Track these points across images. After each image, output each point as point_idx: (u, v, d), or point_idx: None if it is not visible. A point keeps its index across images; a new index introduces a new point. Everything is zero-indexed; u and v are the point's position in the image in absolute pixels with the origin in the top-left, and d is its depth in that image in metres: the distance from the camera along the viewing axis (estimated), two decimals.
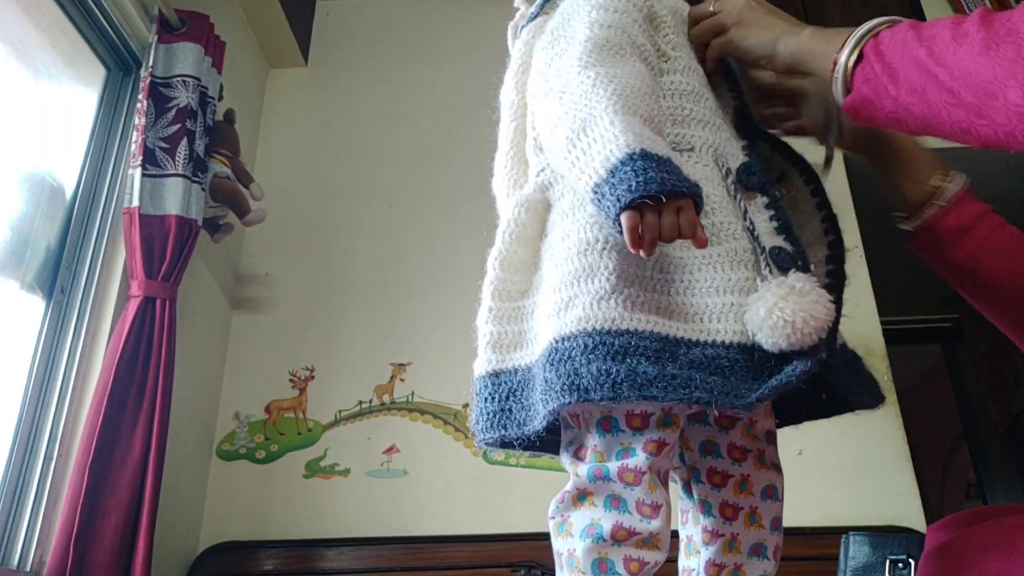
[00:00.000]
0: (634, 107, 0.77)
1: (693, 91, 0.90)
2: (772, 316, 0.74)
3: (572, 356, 0.74)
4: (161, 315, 1.77)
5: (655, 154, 0.73)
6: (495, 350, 0.84)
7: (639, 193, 0.70)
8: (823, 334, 0.75)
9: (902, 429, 2.18)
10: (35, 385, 1.66)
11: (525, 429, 0.80)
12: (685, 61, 0.91)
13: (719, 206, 0.82)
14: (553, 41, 0.90)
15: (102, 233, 1.87)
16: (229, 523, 2.15)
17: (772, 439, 0.89)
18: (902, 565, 1.09)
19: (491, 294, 0.86)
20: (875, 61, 0.77)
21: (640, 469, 0.76)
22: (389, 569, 2.06)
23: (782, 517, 0.88)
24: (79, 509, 1.54)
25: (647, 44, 0.88)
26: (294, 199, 2.59)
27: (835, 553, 1.19)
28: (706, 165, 0.86)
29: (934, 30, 0.74)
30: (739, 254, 0.80)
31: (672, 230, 0.72)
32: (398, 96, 2.77)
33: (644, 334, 0.74)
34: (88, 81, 1.99)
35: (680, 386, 0.72)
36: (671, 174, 0.72)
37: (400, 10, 2.96)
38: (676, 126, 0.87)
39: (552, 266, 0.82)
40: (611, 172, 0.72)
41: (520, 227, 0.87)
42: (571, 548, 0.78)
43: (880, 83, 0.76)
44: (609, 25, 0.85)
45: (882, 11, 3.02)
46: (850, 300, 0.86)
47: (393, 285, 2.44)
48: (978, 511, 0.94)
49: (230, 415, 2.29)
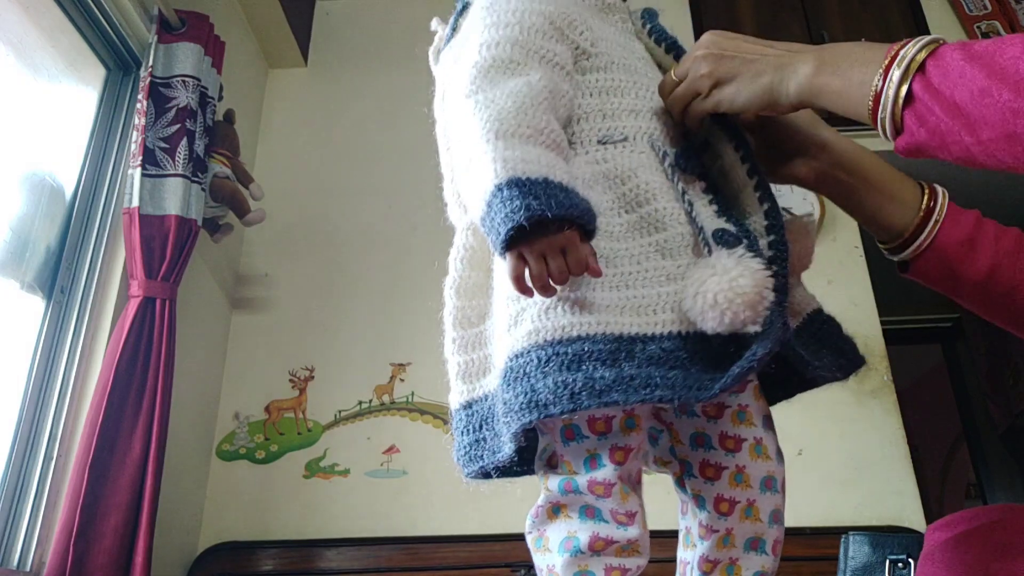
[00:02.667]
0: (511, 128, 0.74)
1: (618, 86, 0.86)
2: (698, 301, 0.72)
3: (527, 372, 0.72)
4: (161, 315, 1.77)
5: (524, 179, 0.69)
6: (464, 380, 0.82)
7: (508, 226, 0.68)
8: (760, 307, 0.72)
9: (902, 429, 2.18)
10: (35, 385, 1.66)
11: (497, 457, 0.78)
12: (606, 56, 0.88)
13: (660, 191, 0.80)
14: (454, 64, 0.88)
15: (102, 233, 1.87)
16: (229, 523, 2.15)
17: (769, 424, 0.84)
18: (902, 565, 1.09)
19: (452, 323, 0.83)
20: (931, 101, 0.68)
21: (609, 482, 0.75)
22: (389, 569, 2.06)
23: (783, 510, 0.84)
24: (79, 509, 1.54)
25: (552, 46, 0.84)
26: (294, 199, 2.59)
27: (835, 553, 1.19)
28: (642, 152, 0.83)
29: (990, 48, 0.65)
30: (684, 238, 0.77)
31: (560, 274, 0.70)
32: (398, 96, 2.77)
33: (596, 337, 0.72)
34: (88, 81, 1.99)
35: (640, 386, 0.69)
36: (538, 198, 0.68)
37: (400, 10, 2.96)
38: (606, 120, 0.84)
39: (501, 281, 0.80)
40: (487, 206, 0.70)
41: (470, 251, 0.85)
42: (550, 564, 0.77)
43: (943, 126, 0.67)
44: (497, 43, 0.81)
45: (881, 11, 3.00)
46: (850, 300, 0.85)
47: (393, 285, 2.44)
48: (978, 511, 0.93)
49: (230, 415, 2.29)
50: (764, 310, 0.72)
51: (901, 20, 2.80)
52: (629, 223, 0.79)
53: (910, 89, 0.69)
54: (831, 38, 2.71)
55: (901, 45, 0.70)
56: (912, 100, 0.69)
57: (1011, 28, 2.76)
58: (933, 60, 0.68)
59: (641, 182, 0.80)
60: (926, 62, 0.68)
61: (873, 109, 0.71)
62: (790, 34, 2.74)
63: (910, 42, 0.70)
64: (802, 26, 2.76)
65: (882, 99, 0.70)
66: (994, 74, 0.64)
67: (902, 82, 0.69)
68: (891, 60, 0.70)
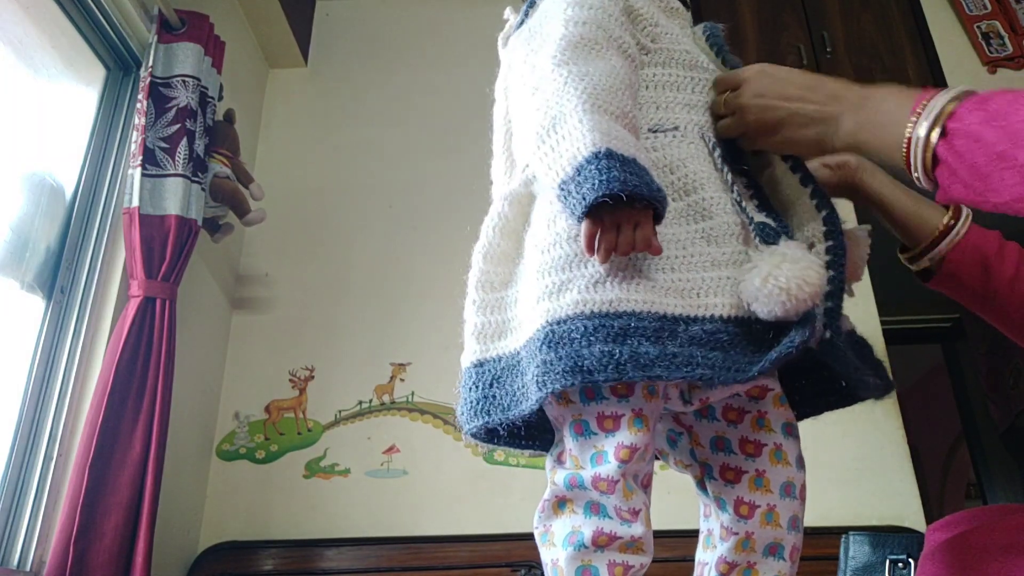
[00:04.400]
0: (604, 105, 0.78)
1: (674, 82, 0.90)
2: (767, 284, 0.75)
3: (571, 338, 0.74)
4: (161, 315, 1.77)
5: (620, 154, 0.73)
6: (479, 340, 0.85)
7: (602, 191, 0.71)
8: (817, 299, 0.76)
9: (902, 429, 2.18)
10: (35, 385, 1.66)
11: (510, 414, 0.80)
12: (665, 54, 0.91)
13: (708, 181, 0.83)
14: (530, 38, 0.92)
15: (102, 233, 1.87)
16: (229, 523, 2.15)
17: (791, 432, 0.86)
18: (902, 565, 1.09)
19: (475, 286, 0.87)
20: (957, 164, 0.71)
21: (612, 478, 0.76)
22: (389, 569, 2.06)
23: (802, 517, 0.86)
24: (79, 509, 1.54)
25: (626, 37, 0.88)
26: (294, 199, 2.59)
27: (835, 553, 1.19)
28: (692, 143, 0.86)
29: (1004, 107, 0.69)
30: (730, 227, 0.81)
31: (627, 245, 0.74)
32: (398, 96, 2.77)
33: (642, 315, 0.75)
34: (88, 81, 1.99)
35: (683, 364, 0.72)
36: (634, 175, 0.72)
37: (400, 10, 2.97)
38: (659, 111, 0.88)
39: (537, 252, 0.82)
40: (577, 170, 0.74)
41: (504, 220, 0.88)
42: (555, 558, 0.78)
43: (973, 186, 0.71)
44: (584, 22, 0.85)
45: (882, 11, 3.00)
46: (850, 300, 0.85)
47: (393, 285, 2.44)
48: (978, 511, 0.94)
49: (230, 415, 2.29)
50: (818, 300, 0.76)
51: (901, 20, 2.80)
52: (677, 210, 0.82)
53: (935, 151, 0.72)
54: (831, 38, 2.71)
55: (927, 99, 0.74)
56: (939, 161, 0.72)
57: (1011, 28, 2.76)
58: (952, 122, 0.71)
59: (690, 171, 0.84)
60: (947, 123, 0.72)
61: (907, 165, 0.76)
62: (790, 34, 2.74)
63: (934, 96, 0.73)
64: (802, 26, 2.76)
65: (911, 159, 0.74)
66: (1009, 137, 0.67)
67: (927, 142, 0.73)
68: (919, 116, 0.74)
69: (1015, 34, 2.75)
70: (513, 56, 0.96)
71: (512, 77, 0.95)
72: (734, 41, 2.81)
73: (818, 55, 2.70)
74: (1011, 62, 2.71)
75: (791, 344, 0.74)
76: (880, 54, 2.74)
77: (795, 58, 2.70)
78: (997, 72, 2.71)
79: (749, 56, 2.76)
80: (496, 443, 0.88)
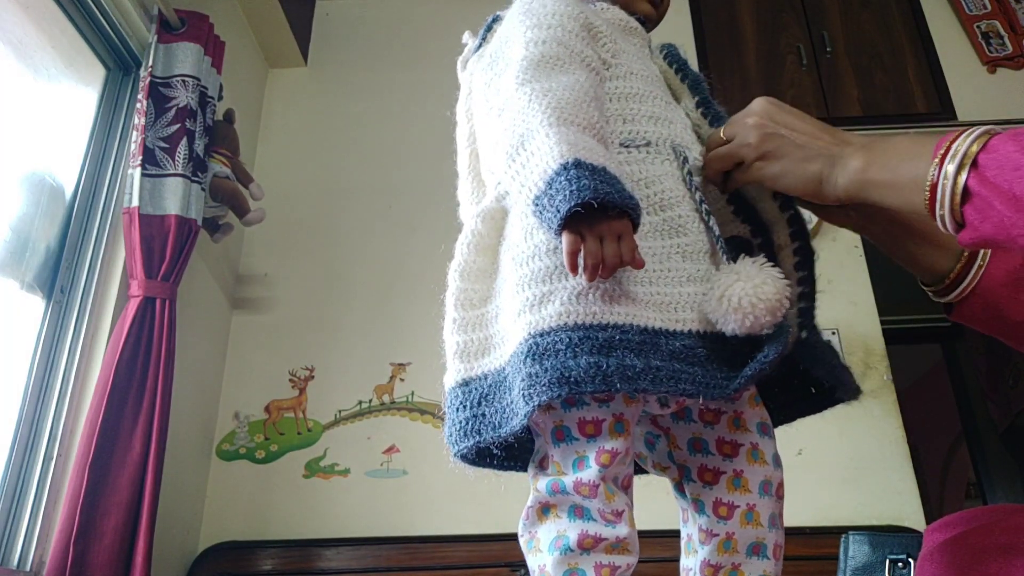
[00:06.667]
0: (570, 117, 0.79)
1: (637, 93, 0.91)
2: (722, 304, 0.76)
3: (556, 350, 0.74)
4: (161, 315, 1.77)
5: (589, 163, 0.73)
6: (463, 359, 0.84)
7: (574, 201, 0.71)
8: (779, 313, 0.76)
9: (902, 429, 2.18)
10: (35, 385, 1.66)
11: (501, 431, 0.79)
12: (626, 67, 0.92)
13: (680, 199, 0.84)
14: (492, 63, 0.93)
15: (102, 233, 1.87)
16: (229, 523, 2.15)
17: (766, 431, 0.86)
18: (902, 565, 1.09)
19: (454, 304, 0.86)
20: (989, 195, 0.67)
21: (593, 483, 0.76)
22: (388, 569, 2.06)
23: (781, 515, 0.86)
24: (79, 509, 1.54)
25: (588, 51, 0.89)
26: (294, 199, 2.59)
27: (835, 553, 1.19)
28: (666, 159, 0.87)
29: None
30: (703, 244, 0.82)
31: (614, 258, 0.73)
32: (398, 96, 2.77)
33: (626, 327, 0.75)
34: (88, 81, 1.99)
35: (667, 378, 0.73)
36: (605, 183, 0.72)
37: (400, 10, 2.97)
38: (627, 124, 0.88)
39: (515, 265, 0.82)
40: (548, 184, 0.74)
41: (479, 236, 0.88)
42: (542, 564, 0.78)
43: (1007, 220, 0.66)
44: (544, 41, 0.86)
45: (882, 11, 3.00)
46: (850, 300, 0.85)
47: (393, 285, 2.44)
48: (977, 511, 0.93)
49: (230, 415, 2.29)
50: (782, 316, 0.77)
51: (901, 20, 2.80)
52: (654, 224, 0.83)
53: (966, 184, 0.68)
54: (831, 38, 2.71)
55: (952, 139, 0.70)
56: (970, 195, 0.68)
57: (1011, 28, 2.76)
58: (985, 154, 0.68)
59: (665, 188, 0.84)
60: (978, 156, 0.68)
61: (930, 204, 0.71)
62: (790, 34, 2.74)
63: (960, 135, 0.70)
64: (802, 26, 2.76)
65: (938, 195, 0.70)
66: None
67: (957, 176, 0.68)
68: (944, 155, 0.70)
69: (1015, 34, 2.75)
70: (474, 80, 0.97)
71: (474, 101, 0.96)
72: (734, 41, 2.82)
73: (818, 55, 2.70)
74: (1011, 61, 2.71)
75: (764, 360, 0.75)
76: (880, 54, 2.74)
77: (795, 58, 2.70)
78: (997, 72, 2.71)
79: (749, 56, 2.77)
80: (484, 464, 0.87)
